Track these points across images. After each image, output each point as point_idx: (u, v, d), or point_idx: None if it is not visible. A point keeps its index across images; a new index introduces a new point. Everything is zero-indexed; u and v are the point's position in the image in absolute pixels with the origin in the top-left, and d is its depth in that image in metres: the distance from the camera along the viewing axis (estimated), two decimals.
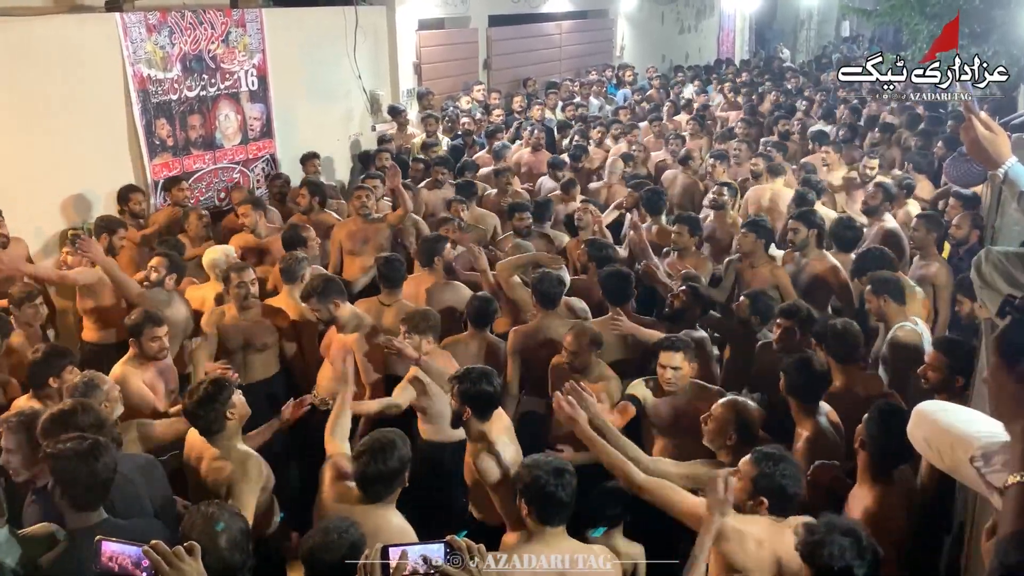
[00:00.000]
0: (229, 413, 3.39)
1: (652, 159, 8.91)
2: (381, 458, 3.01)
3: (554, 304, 4.72)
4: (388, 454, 3.02)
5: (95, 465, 2.70)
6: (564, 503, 2.81)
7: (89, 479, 2.70)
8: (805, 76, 15.53)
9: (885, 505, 3.03)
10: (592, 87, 12.65)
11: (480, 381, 3.49)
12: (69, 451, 2.70)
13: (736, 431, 3.34)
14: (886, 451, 3.08)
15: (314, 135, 8.75)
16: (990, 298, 2.59)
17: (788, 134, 9.40)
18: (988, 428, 2.02)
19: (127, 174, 6.94)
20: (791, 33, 24.35)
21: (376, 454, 3.01)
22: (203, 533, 2.46)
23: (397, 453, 3.05)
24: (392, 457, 3.02)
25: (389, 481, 3.04)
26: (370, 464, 3.01)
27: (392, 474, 3.03)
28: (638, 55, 16.38)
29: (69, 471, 2.69)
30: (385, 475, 3.01)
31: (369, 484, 3.03)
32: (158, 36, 7.07)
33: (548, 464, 2.85)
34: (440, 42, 11.10)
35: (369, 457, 3.02)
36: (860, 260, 5.15)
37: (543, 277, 4.77)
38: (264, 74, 8.18)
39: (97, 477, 2.72)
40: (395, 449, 3.05)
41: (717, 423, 3.39)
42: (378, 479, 3.02)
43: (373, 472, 3.00)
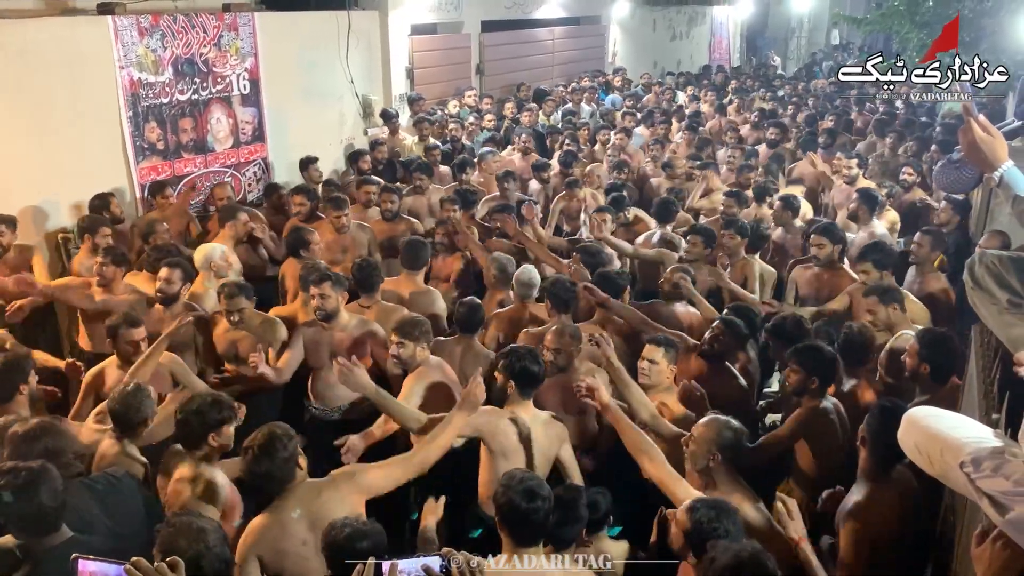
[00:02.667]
0: (212, 438, 3.34)
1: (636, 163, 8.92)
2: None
3: (568, 308, 4.70)
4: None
5: (36, 498, 2.65)
6: (537, 524, 2.75)
7: (36, 510, 2.65)
8: (792, 84, 15.59)
9: (876, 502, 3.05)
10: (584, 93, 12.66)
11: (526, 359, 3.67)
12: (5, 486, 2.63)
13: (720, 450, 3.22)
14: (885, 448, 3.07)
15: (306, 139, 8.72)
16: (981, 300, 2.58)
17: (776, 142, 9.43)
18: (977, 434, 2.02)
19: (117, 177, 6.91)
20: (782, 41, 24.48)
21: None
22: (192, 540, 2.44)
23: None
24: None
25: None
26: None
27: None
28: (630, 62, 16.42)
29: (10, 507, 2.64)
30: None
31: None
32: (150, 39, 7.05)
33: (522, 485, 2.78)
34: (433, 47, 11.10)
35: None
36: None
37: (556, 281, 4.78)
38: (256, 78, 8.17)
39: (42, 509, 2.66)
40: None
41: (698, 443, 3.27)
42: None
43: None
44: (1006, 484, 1.84)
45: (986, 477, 1.88)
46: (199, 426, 3.30)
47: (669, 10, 18.05)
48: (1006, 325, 2.51)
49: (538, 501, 2.75)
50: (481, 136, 9.83)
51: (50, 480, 2.71)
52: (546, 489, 2.82)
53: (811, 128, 10.12)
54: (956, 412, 2.52)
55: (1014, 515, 1.80)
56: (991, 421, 2.42)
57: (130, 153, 7.06)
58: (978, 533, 2.07)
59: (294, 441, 3.06)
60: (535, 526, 2.76)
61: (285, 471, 3.01)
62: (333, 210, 6.22)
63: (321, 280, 4.62)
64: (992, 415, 2.48)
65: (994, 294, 2.56)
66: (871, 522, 2.98)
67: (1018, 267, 2.59)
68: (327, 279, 4.62)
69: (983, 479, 1.88)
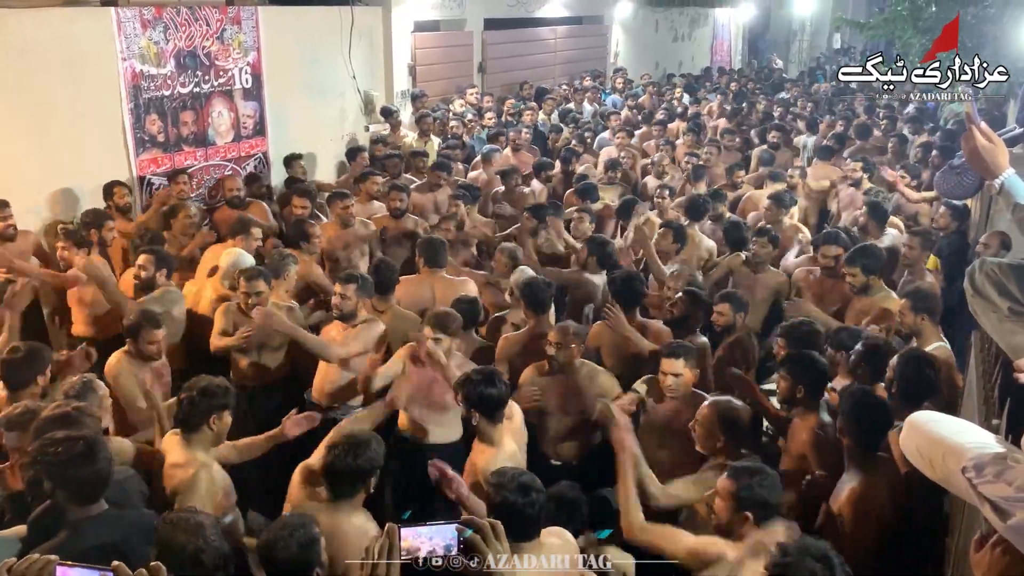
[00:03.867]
0: (213, 422, 3.35)
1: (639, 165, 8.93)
2: (352, 453, 3.01)
3: (544, 309, 4.69)
4: (360, 451, 3.02)
5: (95, 464, 2.71)
6: (532, 519, 2.75)
7: (92, 477, 2.71)
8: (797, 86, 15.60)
9: (869, 489, 3.09)
10: (587, 93, 12.67)
11: (483, 384, 3.49)
12: (64, 454, 2.68)
13: (723, 431, 3.35)
14: (863, 432, 3.21)
15: (307, 134, 8.72)
16: (982, 308, 2.60)
17: (776, 145, 9.44)
18: (979, 439, 2.03)
19: (118, 169, 6.89)
20: (784, 44, 24.49)
21: (349, 449, 3.01)
22: (191, 535, 2.45)
23: (369, 453, 3.05)
24: (363, 455, 3.02)
25: (354, 479, 3.03)
26: (340, 458, 3.00)
27: (359, 473, 3.02)
28: (632, 62, 16.41)
29: (68, 473, 2.68)
30: (352, 471, 3.01)
31: (335, 478, 3.03)
32: (152, 32, 7.03)
33: (515, 480, 2.79)
34: (435, 44, 11.09)
35: (341, 451, 3.01)
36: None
37: (531, 282, 4.75)
38: (258, 72, 8.15)
39: (99, 474, 2.73)
40: (368, 448, 3.05)
41: (704, 426, 3.41)
42: (345, 474, 3.01)
43: (341, 466, 3.00)
44: (1008, 490, 1.84)
45: (988, 482, 1.89)
46: (204, 407, 3.32)
47: (671, 11, 18.05)
48: (1007, 333, 2.52)
49: (532, 495, 2.75)
50: (482, 133, 9.83)
51: (105, 448, 2.79)
52: (538, 484, 2.82)
53: (811, 132, 10.15)
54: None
55: (1015, 521, 1.80)
56: (992, 427, 2.43)
57: (130, 145, 7.04)
58: (977, 539, 2.08)
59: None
60: (530, 521, 2.75)
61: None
62: (339, 201, 6.21)
63: (347, 281, 4.62)
64: (993, 421, 2.49)
65: (995, 302, 2.57)
66: (870, 513, 3.04)
67: (1018, 275, 2.60)
68: (354, 281, 4.61)
69: (985, 484, 1.89)
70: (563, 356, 4.18)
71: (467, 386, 3.52)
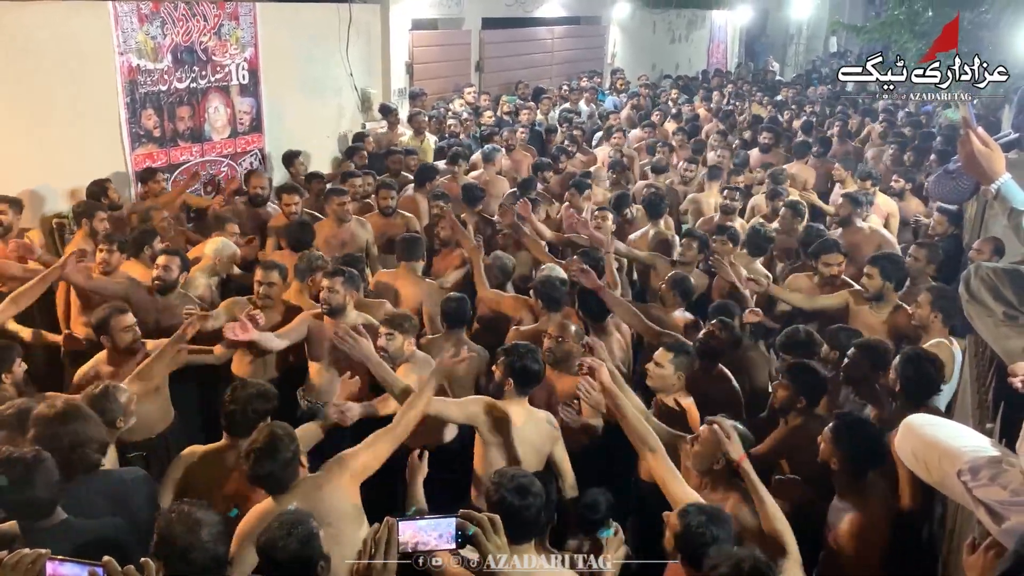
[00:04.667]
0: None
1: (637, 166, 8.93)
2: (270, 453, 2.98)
3: (558, 307, 4.72)
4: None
5: (32, 489, 2.69)
6: (529, 522, 2.74)
7: (30, 500, 2.71)
8: (792, 88, 15.63)
9: (867, 517, 3.06)
10: (584, 93, 12.67)
11: (526, 357, 3.65)
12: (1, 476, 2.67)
13: (724, 454, 3.19)
14: (856, 460, 3.15)
15: (304, 131, 8.72)
16: (977, 313, 2.61)
17: (768, 147, 9.45)
18: (975, 443, 2.03)
19: (113, 164, 6.88)
20: (780, 47, 24.53)
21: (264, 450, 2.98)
22: (186, 530, 2.45)
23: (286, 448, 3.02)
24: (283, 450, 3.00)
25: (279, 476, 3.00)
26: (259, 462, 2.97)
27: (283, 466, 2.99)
28: (629, 63, 16.42)
29: (5, 496, 2.69)
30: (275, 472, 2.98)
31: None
32: (150, 26, 7.02)
33: (514, 482, 2.78)
34: (433, 42, 11.08)
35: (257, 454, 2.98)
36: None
37: (546, 280, 4.80)
38: (255, 68, 8.15)
39: (37, 500, 2.71)
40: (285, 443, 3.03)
41: (704, 445, 3.29)
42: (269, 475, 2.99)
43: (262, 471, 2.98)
44: (1003, 494, 1.85)
45: (983, 486, 1.89)
46: (253, 415, 3.34)
47: (669, 13, 18.06)
48: (1002, 337, 2.54)
49: (529, 498, 2.74)
50: (478, 132, 9.82)
51: (45, 471, 2.74)
52: (537, 486, 2.81)
53: (808, 135, 10.17)
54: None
55: (1010, 524, 1.81)
56: (986, 430, 2.44)
57: (126, 140, 7.04)
58: (969, 543, 2.08)
59: (296, 442, 3.05)
60: (527, 523, 2.74)
61: (288, 472, 3.00)
62: (336, 198, 6.20)
63: (334, 274, 4.61)
64: (987, 424, 2.50)
65: (990, 306, 2.59)
66: (870, 538, 3.00)
67: (1013, 280, 2.62)
68: (340, 274, 4.60)
69: (980, 488, 1.90)
70: (560, 352, 4.22)
71: (512, 355, 3.67)
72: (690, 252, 5.67)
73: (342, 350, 3.74)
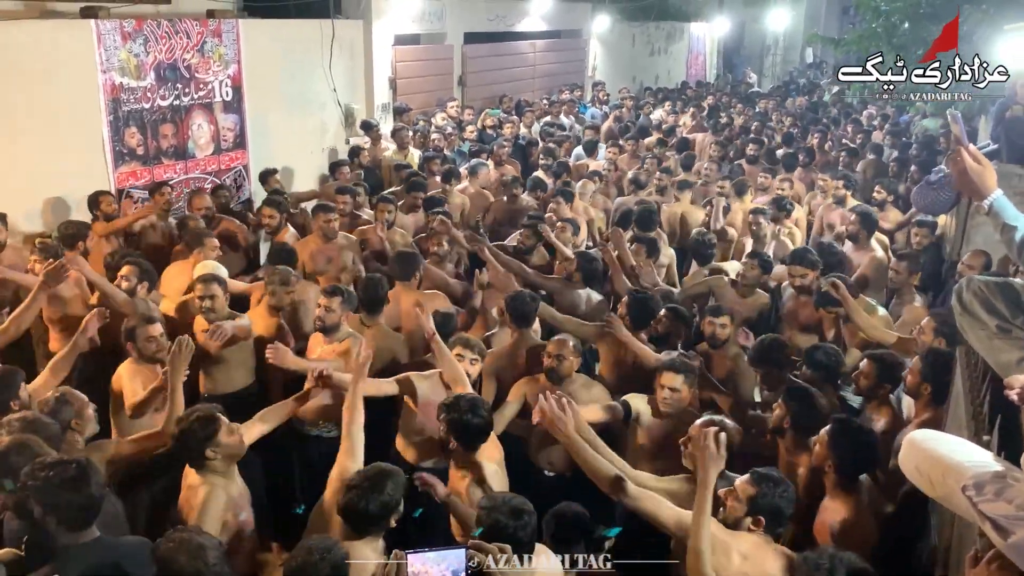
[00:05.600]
0: (210, 452, 3.24)
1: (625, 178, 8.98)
2: (370, 494, 2.91)
3: (528, 323, 4.70)
4: (379, 490, 2.92)
5: (88, 487, 2.66)
6: (523, 543, 2.70)
7: (84, 502, 2.66)
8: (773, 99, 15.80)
9: (857, 514, 3.12)
10: (564, 106, 12.74)
11: (468, 412, 3.42)
12: (55, 478, 2.63)
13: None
14: (851, 463, 3.22)
15: (288, 147, 8.70)
16: (970, 325, 2.64)
17: (756, 158, 9.55)
18: (980, 457, 2.06)
19: (98, 182, 6.80)
20: (758, 58, 24.82)
21: (366, 490, 2.91)
22: (191, 557, 2.42)
23: (387, 490, 2.94)
24: (383, 494, 2.92)
25: (374, 519, 2.93)
26: (359, 500, 2.91)
27: (378, 513, 2.92)
28: (609, 76, 16.55)
29: (60, 497, 2.63)
30: (372, 513, 2.91)
31: (353, 517, 2.93)
32: (132, 44, 6.98)
33: (507, 505, 2.77)
34: (416, 57, 11.10)
35: (359, 492, 2.91)
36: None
37: (516, 296, 4.76)
38: (239, 85, 8.12)
39: (91, 499, 2.68)
40: (386, 485, 2.95)
41: (696, 446, 3.36)
42: (364, 515, 2.91)
43: (361, 508, 2.90)
44: (1009, 508, 1.87)
45: (988, 501, 1.91)
46: (195, 444, 3.25)
47: (648, 26, 18.23)
48: (995, 350, 2.56)
49: (524, 517, 2.74)
50: (463, 147, 9.84)
51: (97, 473, 2.74)
52: (529, 505, 2.80)
53: (788, 146, 10.29)
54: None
55: (1016, 539, 1.83)
56: (982, 443, 2.46)
57: (109, 158, 6.98)
58: (971, 555, 2.11)
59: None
60: (524, 544, 2.71)
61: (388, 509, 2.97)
62: (322, 214, 6.17)
63: (332, 293, 4.59)
64: (983, 437, 2.52)
65: (983, 320, 2.61)
66: (861, 535, 3.05)
67: (1005, 293, 2.65)
68: (339, 294, 4.59)
69: (985, 503, 1.91)
70: (563, 369, 4.17)
71: (451, 411, 3.45)
72: (753, 272, 5.59)
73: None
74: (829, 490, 3.28)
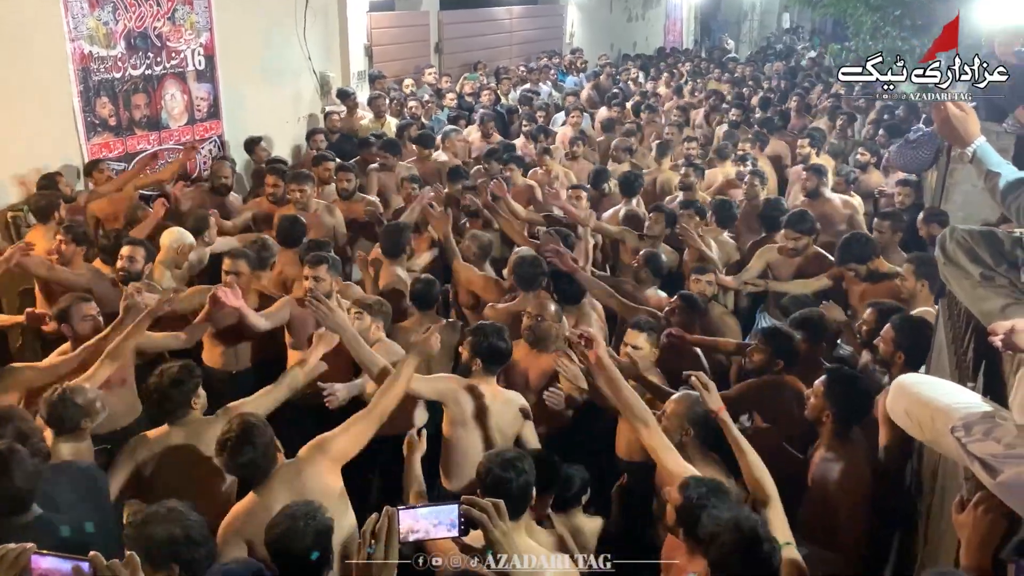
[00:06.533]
0: (194, 402, 3.28)
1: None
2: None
3: (530, 286, 4.67)
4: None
5: (10, 480, 2.61)
6: (513, 496, 2.69)
7: (8, 493, 2.61)
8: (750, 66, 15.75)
9: (857, 467, 3.15)
10: (542, 73, 12.64)
11: (493, 336, 3.66)
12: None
13: (692, 425, 3.28)
14: (850, 411, 3.27)
15: (263, 116, 8.56)
16: (954, 275, 2.64)
17: (737, 123, 9.54)
18: (967, 399, 2.07)
19: (69, 154, 6.69)
20: (735, 24, 24.71)
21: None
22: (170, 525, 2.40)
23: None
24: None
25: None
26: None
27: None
28: (587, 43, 16.41)
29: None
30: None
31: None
32: (101, 12, 6.81)
33: (499, 456, 2.80)
34: (391, 24, 10.95)
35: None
36: (844, 248, 5.01)
37: (521, 259, 4.75)
38: (212, 53, 7.97)
39: (16, 491, 2.62)
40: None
41: (671, 420, 3.34)
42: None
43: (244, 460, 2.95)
44: (997, 447, 1.88)
45: (977, 441, 1.92)
46: (181, 396, 3.24)
47: None
48: (979, 299, 2.56)
49: (515, 469, 2.73)
50: (442, 114, 9.74)
51: (22, 462, 2.64)
52: (527, 462, 2.80)
53: (765, 110, 10.29)
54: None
55: (1004, 477, 1.85)
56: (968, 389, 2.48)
57: (81, 129, 6.83)
58: (957, 502, 2.12)
59: (268, 427, 3.03)
60: (516, 499, 2.70)
61: (267, 459, 2.97)
62: (294, 184, 6.08)
63: (318, 262, 4.51)
64: (967, 384, 2.54)
65: (966, 268, 2.61)
66: (860, 482, 3.10)
67: (988, 241, 2.65)
68: (324, 262, 4.51)
69: (974, 443, 1.93)
70: (538, 330, 4.17)
71: (478, 334, 3.68)
72: (657, 226, 5.70)
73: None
74: (825, 442, 3.31)
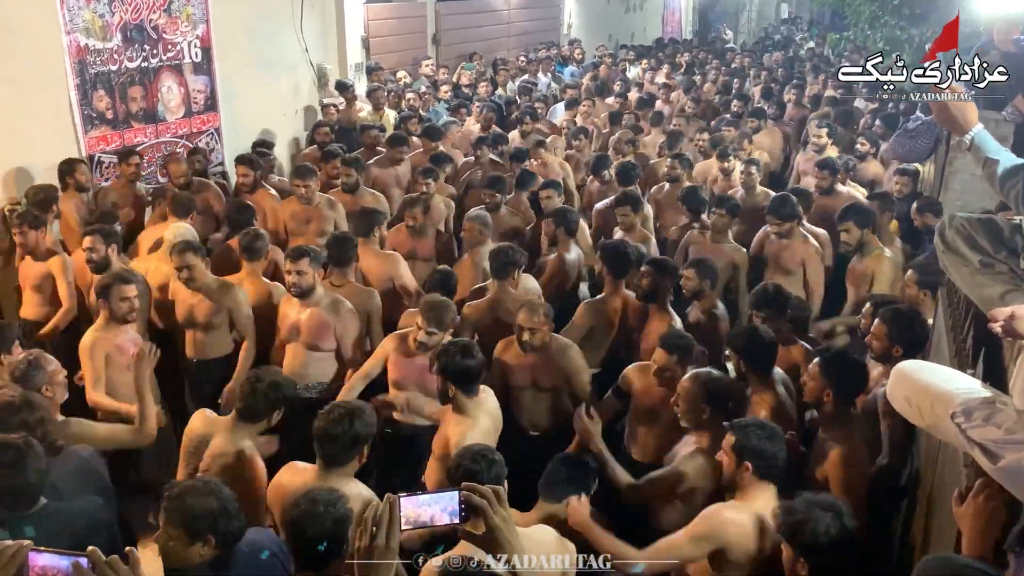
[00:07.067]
0: (276, 414, 3.37)
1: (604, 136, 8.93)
2: (348, 419, 2.97)
3: (507, 275, 4.66)
4: (355, 417, 2.99)
5: (23, 475, 2.63)
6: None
7: (20, 487, 2.64)
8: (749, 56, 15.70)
9: (855, 449, 3.18)
10: (541, 64, 12.61)
11: (460, 355, 3.45)
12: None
13: (707, 403, 3.30)
14: (848, 386, 3.30)
15: (260, 109, 8.55)
16: (953, 263, 2.64)
17: (739, 114, 9.50)
18: (966, 385, 2.06)
19: (65, 148, 6.66)
20: (733, 14, 24.63)
21: (344, 414, 2.98)
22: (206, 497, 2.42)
23: (364, 419, 3.02)
24: (357, 421, 2.99)
25: (347, 446, 2.98)
26: (334, 423, 2.96)
27: (353, 439, 2.98)
28: (585, 33, 16.36)
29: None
30: (346, 437, 2.96)
31: (327, 443, 2.98)
32: (97, 4, 6.78)
33: (469, 451, 2.80)
34: (388, 15, 10.91)
35: (336, 415, 2.98)
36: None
37: (499, 250, 4.75)
38: (208, 45, 7.94)
39: (28, 486, 2.65)
40: (363, 415, 3.03)
41: (686, 400, 3.35)
42: (338, 439, 2.96)
43: (335, 431, 2.95)
44: (997, 433, 1.88)
45: (977, 426, 1.92)
46: (271, 400, 3.32)
47: None
48: (978, 286, 2.56)
49: (482, 463, 2.73)
50: (440, 106, 9.71)
51: (35, 457, 2.67)
52: (498, 456, 2.81)
53: (767, 101, 10.25)
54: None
55: (1005, 463, 1.84)
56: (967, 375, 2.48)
57: (78, 122, 6.81)
58: (957, 494, 2.12)
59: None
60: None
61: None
62: (298, 179, 6.09)
63: (299, 256, 4.47)
64: (967, 371, 2.54)
65: (966, 256, 2.61)
66: (859, 464, 3.13)
67: (987, 228, 2.65)
68: (305, 255, 4.47)
69: (974, 429, 1.92)
70: (536, 340, 4.04)
71: (444, 357, 3.48)
72: (722, 220, 5.55)
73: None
74: (824, 424, 3.32)
